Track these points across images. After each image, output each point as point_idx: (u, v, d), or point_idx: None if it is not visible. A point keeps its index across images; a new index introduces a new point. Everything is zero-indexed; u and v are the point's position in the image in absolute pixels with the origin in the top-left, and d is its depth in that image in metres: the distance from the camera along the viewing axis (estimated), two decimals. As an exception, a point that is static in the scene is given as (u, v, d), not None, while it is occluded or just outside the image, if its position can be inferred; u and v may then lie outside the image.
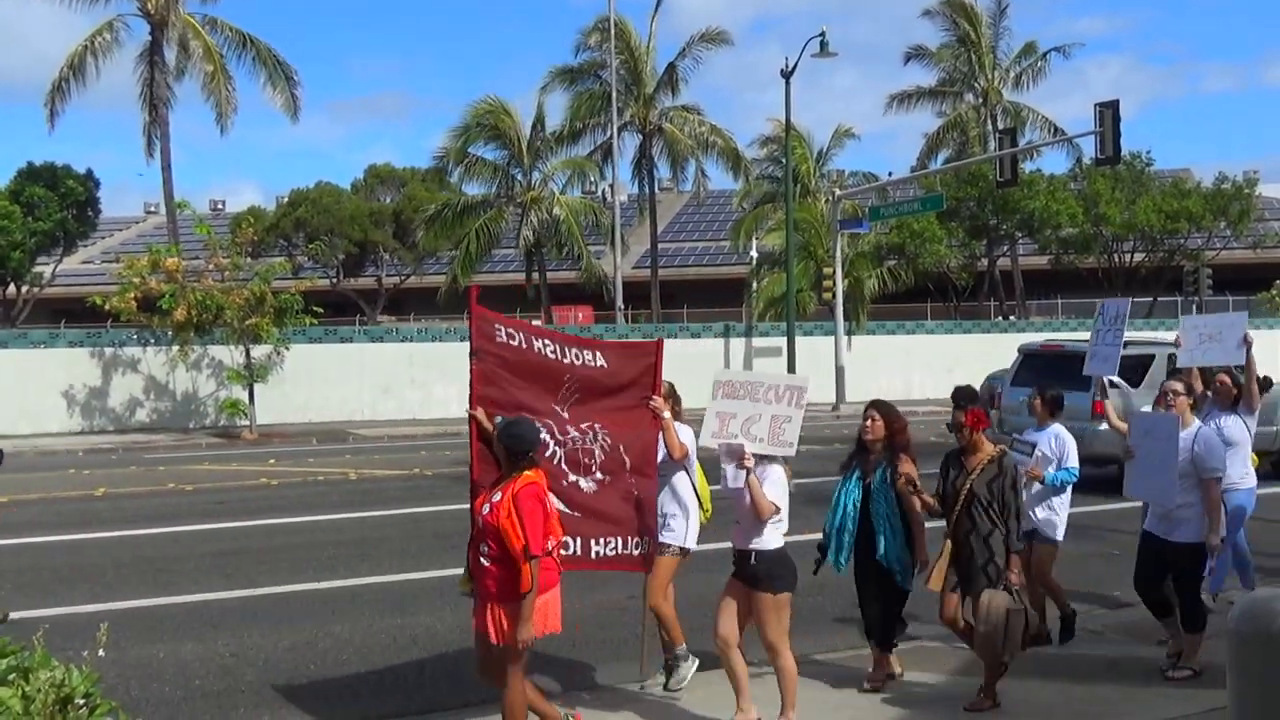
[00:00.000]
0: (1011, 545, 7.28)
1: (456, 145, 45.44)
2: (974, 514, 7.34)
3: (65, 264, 53.90)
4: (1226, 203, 48.22)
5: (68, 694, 3.18)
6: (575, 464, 7.33)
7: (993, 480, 7.35)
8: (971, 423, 7.50)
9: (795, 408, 6.97)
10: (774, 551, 6.86)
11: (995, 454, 7.45)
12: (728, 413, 7.01)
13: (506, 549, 6.09)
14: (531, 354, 7.25)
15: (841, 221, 38.18)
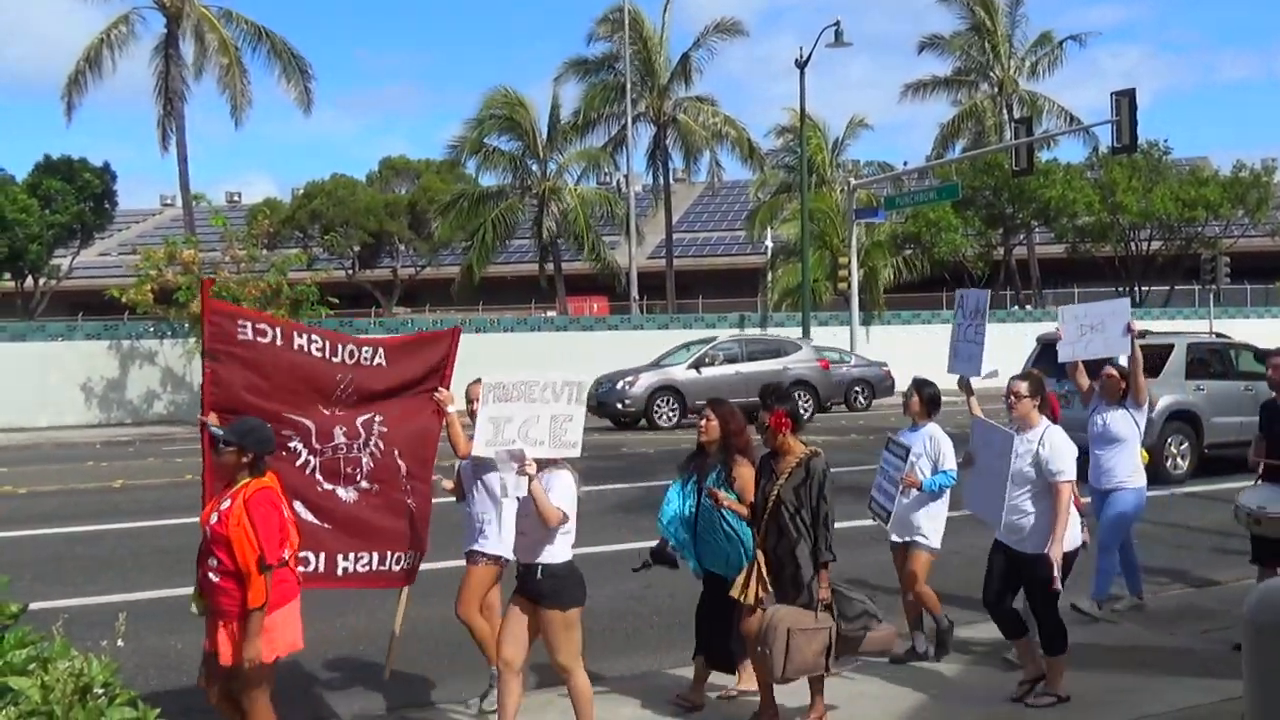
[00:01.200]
0: (821, 556, 6.62)
1: (472, 136, 45.48)
2: (781, 522, 6.69)
3: (82, 257, 54.09)
4: (1244, 191, 48.00)
5: (86, 683, 3.20)
6: (334, 472, 6.83)
7: (800, 485, 6.70)
8: (775, 424, 6.79)
9: (575, 404, 6.42)
10: (563, 565, 6.36)
11: (804, 457, 6.77)
12: (502, 417, 6.36)
13: (238, 561, 5.60)
14: (290, 353, 6.71)
15: (857, 211, 38.12)
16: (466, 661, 8.06)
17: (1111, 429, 9.42)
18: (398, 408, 7.12)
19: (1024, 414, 7.60)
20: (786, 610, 6.58)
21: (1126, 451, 9.38)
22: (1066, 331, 9.42)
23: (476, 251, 45.41)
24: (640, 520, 12.83)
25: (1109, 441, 9.44)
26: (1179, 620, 8.94)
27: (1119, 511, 9.39)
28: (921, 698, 7.50)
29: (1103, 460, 9.48)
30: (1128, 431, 9.38)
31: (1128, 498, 9.40)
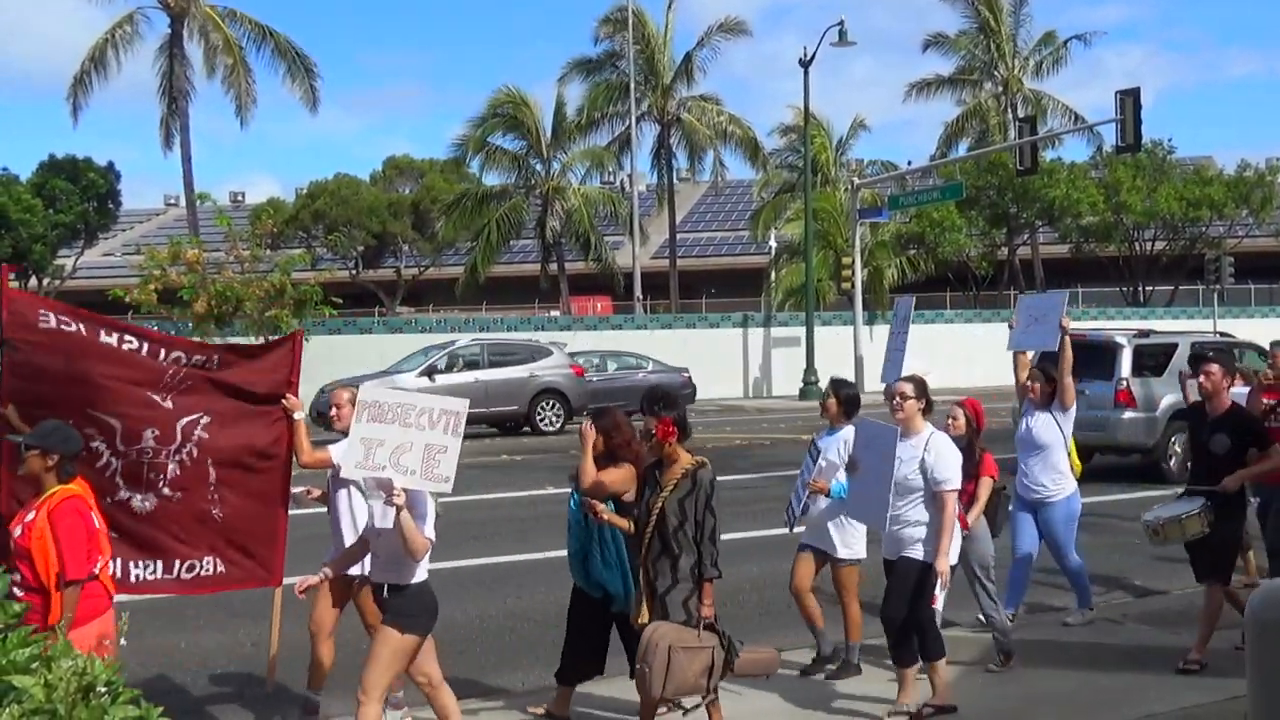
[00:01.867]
0: (705, 572, 6.29)
1: (475, 135, 45.51)
2: (664, 536, 6.34)
3: (86, 256, 54.15)
4: (1249, 190, 47.98)
5: (90, 682, 3.20)
6: (135, 477, 6.57)
7: (686, 497, 6.33)
8: (661, 433, 6.40)
9: (452, 435, 5.93)
10: (415, 586, 5.98)
11: (691, 468, 6.39)
12: (375, 439, 5.94)
13: (40, 577, 5.30)
14: (98, 346, 6.44)
15: (861, 210, 38.12)
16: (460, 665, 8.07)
17: (1035, 434, 8.91)
18: (230, 415, 6.84)
19: (909, 417, 7.15)
20: (668, 627, 6.25)
21: (1050, 459, 8.86)
22: (1019, 321, 9.27)
23: (480, 251, 45.43)
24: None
25: (1033, 448, 8.92)
26: (1183, 620, 8.92)
27: (1052, 530, 8.93)
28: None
29: (1027, 468, 8.98)
30: (1051, 437, 8.86)
31: (1057, 512, 8.91)
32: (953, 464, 7.00)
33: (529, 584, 10.76)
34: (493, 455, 21.68)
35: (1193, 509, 7.75)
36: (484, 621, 9.67)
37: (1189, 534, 7.79)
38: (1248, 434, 7.82)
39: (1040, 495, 8.90)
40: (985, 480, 7.98)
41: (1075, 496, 9.03)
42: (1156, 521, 7.94)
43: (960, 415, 8.11)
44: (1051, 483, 8.86)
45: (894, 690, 7.19)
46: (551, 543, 12.50)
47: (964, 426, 8.04)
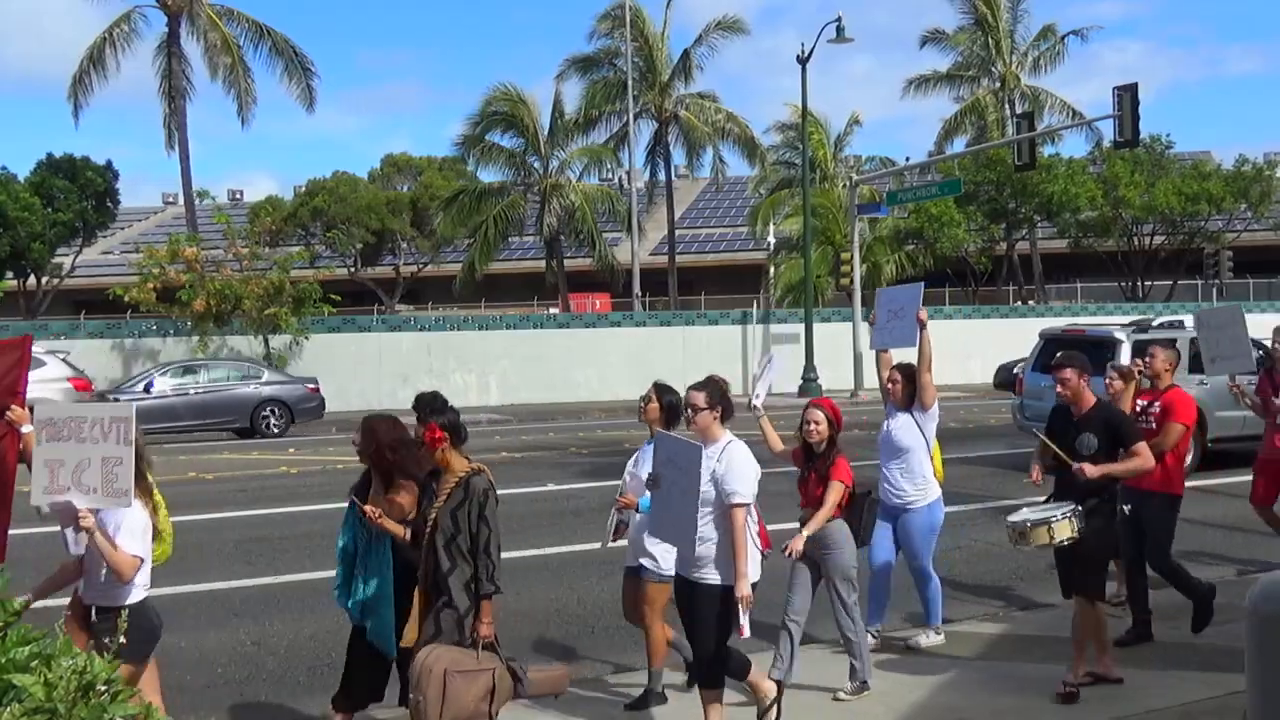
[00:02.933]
0: (481, 588, 5.89)
1: (473, 133, 45.49)
2: (439, 549, 5.99)
3: (85, 255, 54.11)
4: (1247, 185, 47.99)
5: (89, 681, 3.20)
6: None
7: (459, 508, 5.97)
8: (430, 439, 6.05)
9: (124, 445, 5.53)
10: (128, 609, 5.49)
11: (465, 475, 6.04)
12: (56, 460, 5.56)
13: None
14: None
15: (859, 207, 38.10)
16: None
17: (894, 437, 8.39)
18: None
19: (704, 427, 6.50)
20: (444, 650, 5.83)
21: (913, 463, 8.34)
22: (879, 317, 8.76)
23: (479, 248, 45.44)
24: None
25: (893, 452, 8.41)
26: (1183, 614, 8.92)
27: (909, 539, 8.43)
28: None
29: (887, 473, 8.47)
30: (913, 440, 8.33)
31: (917, 520, 8.39)
32: (745, 475, 6.28)
33: (530, 581, 10.76)
34: (492, 453, 21.69)
35: (1063, 512, 7.20)
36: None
37: (1058, 539, 7.16)
38: (1115, 432, 7.40)
39: (900, 502, 8.38)
40: (834, 484, 7.37)
41: (937, 505, 8.49)
42: (1023, 524, 7.26)
43: (821, 418, 7.50)
44: (912, 489, 8.35)
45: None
46: (550, 540, 12.53)
47: (826, 430, 7.47)
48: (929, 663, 8.07)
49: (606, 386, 34.70)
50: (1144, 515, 8.56)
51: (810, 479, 7.53)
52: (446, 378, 33.13)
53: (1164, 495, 8.60)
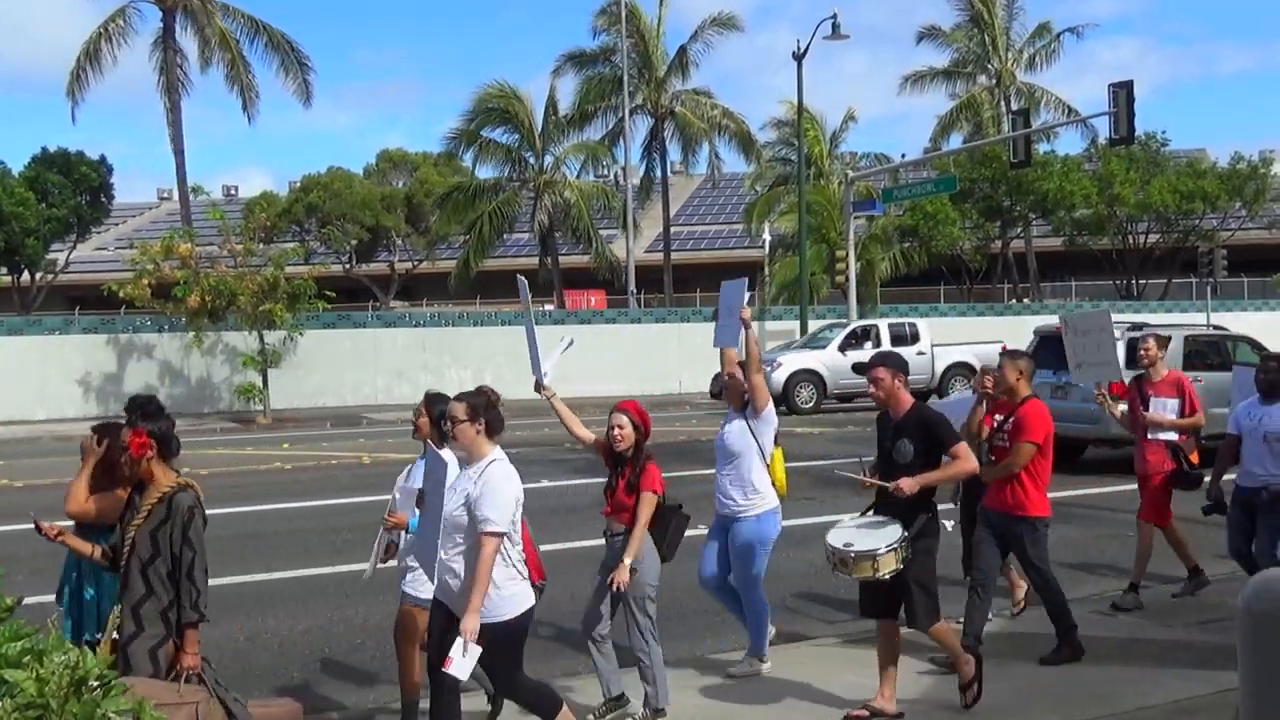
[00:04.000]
0: (184, 616, 5.33)
1: (468, 129, 45.46)
2: (134, 572, 5.37)
3: (79, 251, 54.05)
4: (1242, 183, 48.02)
5: (82, 676, 3.20)
6: None
7: (159, 528, 5.36)
8: (135, 447, 5.40)
9: None
10: None
11: (169, 491, 5.41)
12: None
13: None
14: None
15: (855, 204, 38.12)
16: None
17: (727, 442, 7.81)
18: None
19: (465, 442, 5.90)
20: (136, 682, 5.22)
21: (744, 470, 7.73)
22: (720, 314, 8.17)
23: (474, 244, 45.44)
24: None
25: (726, 457, 7.82)
26: (1177, 612, 8.95)
27: (735, 551, 7.79)
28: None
29: (720, 479, 7.88)
30: (743, 446, 7.75)
31: (743, 531, 7.73)
32: (499, 501, 5.64)
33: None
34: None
35: (889, 544, 6.61)
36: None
37: (882, 572, 6.60)
38: (932, 435, 6.82)
39: (729, 511, 7.79)
40: (646, 496, 6.88)
41: (770, 517, 7.78)
42: (846, 552, 6.67)
43: (625, 422, 7.01)
44: (742, 497, 7.73)
45: None
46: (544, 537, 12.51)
47: (631, 435, 6.99)
48: (925, 661, 8.07)
49: (601, 383, 34.66)
50: (1010, 543, 8.02)
51: (619, 487, 7.00)
52: (441, 374, 33.11)
53: (1026, 520, 7.90)
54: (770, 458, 7.82)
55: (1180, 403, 9.74)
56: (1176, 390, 9.80)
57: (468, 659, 5.47)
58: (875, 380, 6.92)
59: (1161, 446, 9.68)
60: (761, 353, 8.37)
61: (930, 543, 6.85)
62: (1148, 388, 9.90)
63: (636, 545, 6.82)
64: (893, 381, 6.90)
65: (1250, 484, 8.84)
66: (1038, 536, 7.95)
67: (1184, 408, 9.75)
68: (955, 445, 6.85)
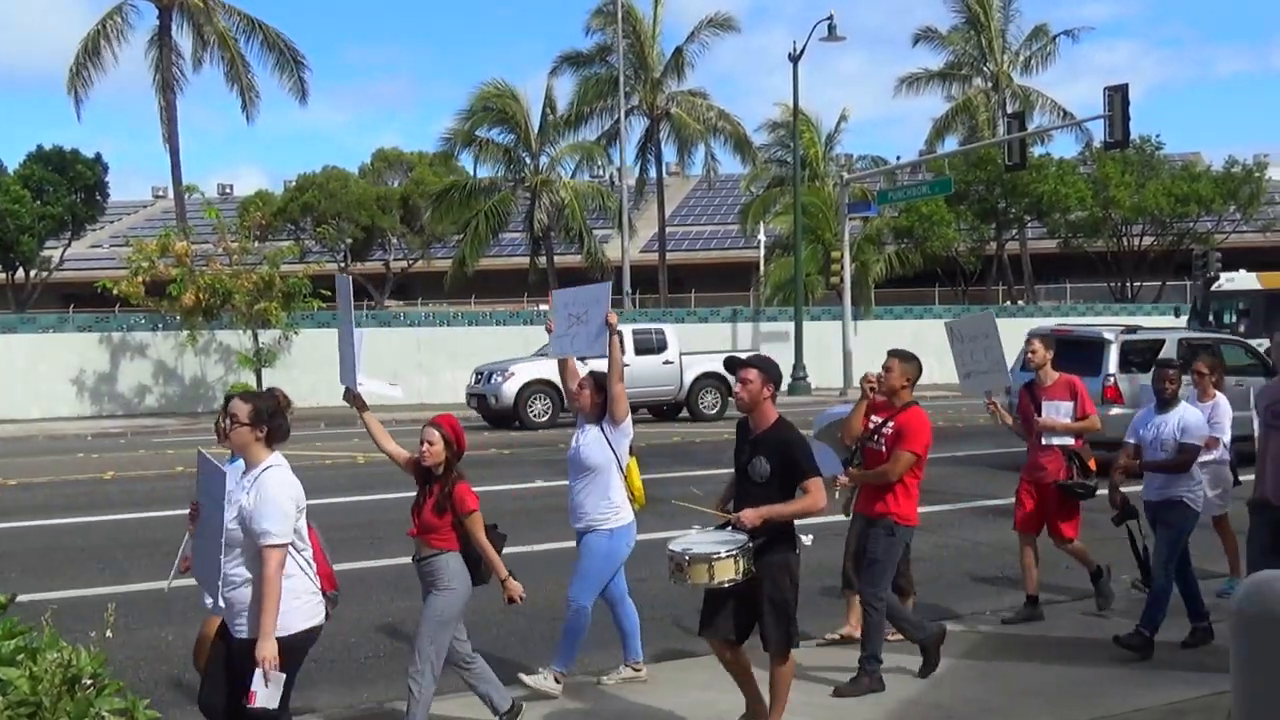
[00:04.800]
0: None
1: (463, 128, 45.46)
2: None
3: (74, 248, 53.97)
4: (1236, 186, 48.11)
5: (75, 674, 3.20)
6: None
7: None
8: None
9: None
10: None
11: None
12: None
13: None
14: None
15: (850, 205, 38.16)
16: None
17: (582, 453, 7.49)
18: None
19: (241, 446, 5.47)
20: None
21: (601, 483, 7.43)
22: (557, 323, 7.65)
23: (469, 243, 45.42)
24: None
25: (580, 469, 7.50)
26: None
27: (581, 562, 7.51)
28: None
29: (575, 494, 7.57)
30: (600, 458, 7.44)
31: (593, 544, 7.46)
32: (275, 511, 5.22)
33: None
34: (481, 450, 21.69)
35: (729, 548, 6.10)
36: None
37: (718, 579, 6.09)
38: (790, 461, 6.24)
39: (583, 525, 7.51)
40: (474, 516, 6.55)
41: (624, 533, 7.52)
42: (682, 556, 6.16)
43: (436, 437, 6.59)
44: (597, 510, 7.44)
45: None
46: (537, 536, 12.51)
47: (441, 452, 6.56)
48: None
49: (596, 383, 34.68)
50: (867, 542, 7.58)
51: (425, 505, 6.58)
52: (436, 374, 33.11)
53: (888, 521, 7.49)
54: (626, 469, 7.54)
55: (1074, 405, 9.33)
56: (1069, 393, 9.39)
57: (272, 687, 5.06)
58: (743, 381, 6.33)
59: (1058, 453, 9.23)
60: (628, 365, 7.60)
61: (785, 558, 6.28)
62: (1039, 392, 9.46)
63: (498, 565, 6.53)
64: (761, 388, 6.32)
65: (1151, 496, 8.49)
66: (893, 542, 7.51)
67: (1078, 410, 9.33)
68: (810, 478, 6.21)
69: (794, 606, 6.34)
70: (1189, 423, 8.41)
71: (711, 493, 7.15)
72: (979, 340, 9.56)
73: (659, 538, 12.45)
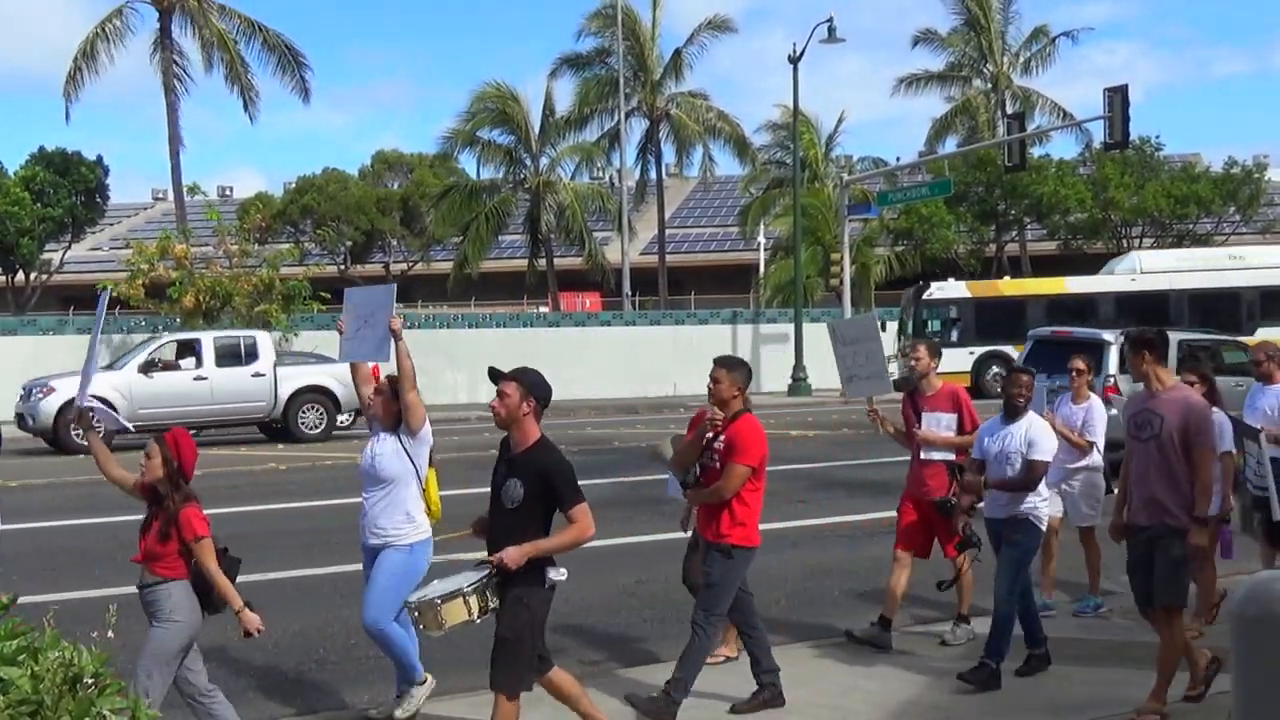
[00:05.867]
0: None
1: (464, 130, 45.51)
2: None
3: (74, 251, 54.01)
4: (1236, 187, 48.12)
5: (76, 673, 3.20)
6: None
7: None
8: None
9: None
10: None
11: None
12: None
13: None
14: None
15: (850, 207, 38.20)
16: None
17: (376, 464, 7.00)
18: None
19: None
20: None
21: (398, 496, 6.94)
22: (348, 324, 7.31)
23: (470, 244, 45.48)
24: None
25: (374, 481, 7.03)
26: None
27: (384, 584, 6.88)
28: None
29: (369, 507, 7.04)
30: (397, 469, 6.95)
31: (388, 562, 6.89)
32: None
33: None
34: (480, 451, 21.69)
35: (451, 590, 5.65)
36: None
37: (446, 625, 5.64)
38: (548, 488, 5.75)
39: (377, 541, 6.98)
40: (204, 543, 6.08)
41: (421, 549, 7.00)
42: (419, 602, 5.76)
43: (155, 451, 6.20)
44: (393, 525, 6.94)
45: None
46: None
47: (160, 468, 6.18)
48: (918, 662, 8.09)
49: (596, 385, 34.69)
50: (705, 565, 7.05)
51: (152, 529, 6.18)
52: (436, 375, 33.07)
53: (725, 545, 6.91)
54: (424, 480, 7.08)
55: (957, 418, 8.50)
56: (952, 404, 8.55)
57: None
58: (500, 394, 5.87)
59: (941, 468, 8.43)
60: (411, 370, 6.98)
61: (525, 593, 5.73)
62: (921, 401, 8.65)
63: (231, 595, 6.13)
64: (520, 403, 5.80)
65: (996, 514, 7.86)
66: (732, 565, 6.91)
67: (962, 424, 8.49)
68: (575, 507, 5.71)
69: (529, 647, 5.80)
70: (1036, 436, 7.72)
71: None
72: (861, 344, 9.03)
73: (658, 538, 12.47)
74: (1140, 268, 33.99)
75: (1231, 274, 33.50)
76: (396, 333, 6.88)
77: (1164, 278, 33.23)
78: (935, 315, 33.54)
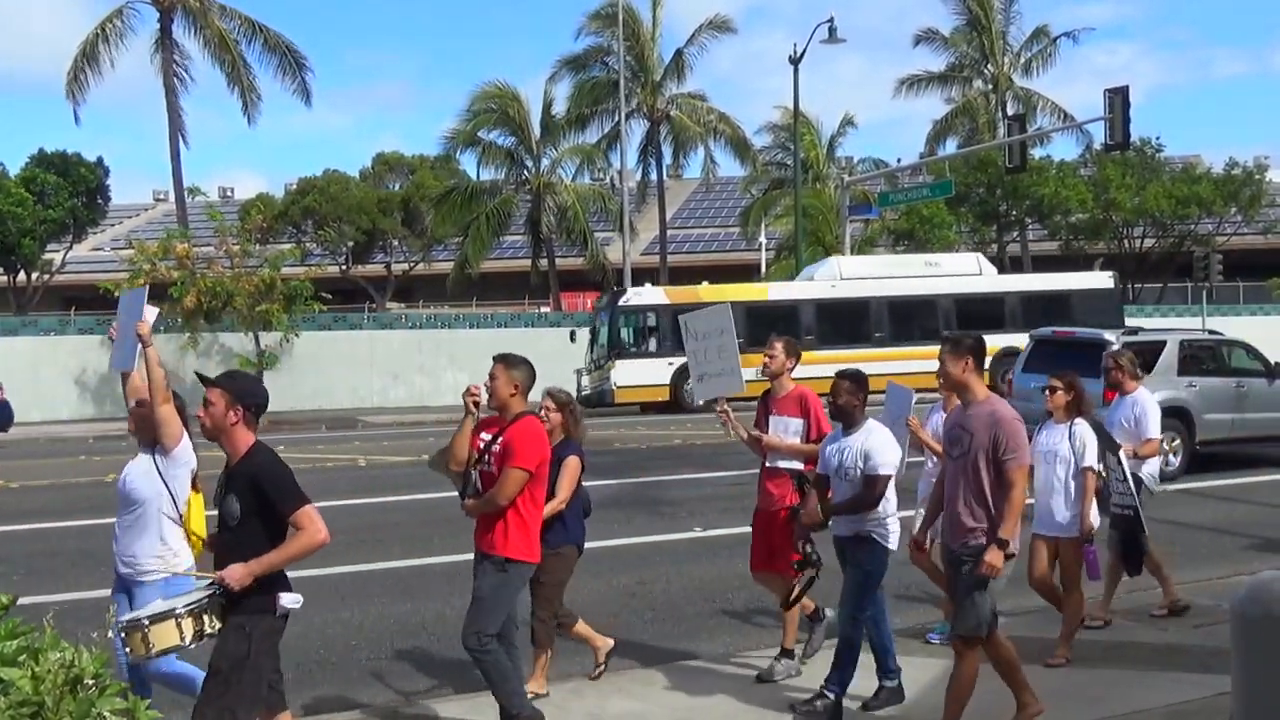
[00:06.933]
0: None
1: (465, 130, 45.51)
2: None
3: (75, 251, 54.02)
4: (1237, 188, 48.13)
5: (77, 674, 3.20)
6: None
7: None
8: None
9: None
10: None
11: None
12: None
13: None
14: None
15: (851, 208, 38.19)
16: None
17: (129, 486, 6.39)
18: None
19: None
20: None
21: (148, 520, 6.33)
22: (119, 329, 6.82)
23: (471, 244, 45.48)
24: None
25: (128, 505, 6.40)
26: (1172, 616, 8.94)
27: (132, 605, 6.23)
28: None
29: (121, 533, 6.47)
30: (148, 492, 6.32)
31: (150, 597, 6.02)
32: None
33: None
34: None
35: (178, 606, 5.13)
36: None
37: (155, 649, 5.07)
38: (262, 498, 5.24)
39: (129, 571, 6.34)
40: None
41: (182, 582, 6.16)
42: (127, 622, 5.22)
43: None
44: (146, 555, 6.29)
45: None
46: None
47: None
48: (916, 664, 8.08)
49: (597, 386, 34.68)
50: (476, 578, 6.54)
51: None
52: (438, 375, 33.16)
53: (494, 559, 6.43)
54: (185, 505, 6.39)
55: (804, 424, 7.68)
56: (800, 408, 7.72)
57: None
58: (205, 403, 5.33)
59: (786, 477, 7.67)
60: None
61: (252, 620, 5.19)
62: (771, 404, 7.87)
63: None
64: (225, 411, 5.30)
65: (840, 531, 7.15)
66: (505, 579, 6.42)
67: (809, 431, 7.67)
68: (296, 511, 5.20)
69: (247, 681, 5.15)
70: (873, 447, 6.97)
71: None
72: (712, 338, 8.18)
73: (659, 539, 12.47)
74: (840, 274, 32.92)
75: (929, 281, 32.98)
76: (144, 338, 6.31)
77: (863, 284, 32.46)
78: (631, 323, 31.33)
